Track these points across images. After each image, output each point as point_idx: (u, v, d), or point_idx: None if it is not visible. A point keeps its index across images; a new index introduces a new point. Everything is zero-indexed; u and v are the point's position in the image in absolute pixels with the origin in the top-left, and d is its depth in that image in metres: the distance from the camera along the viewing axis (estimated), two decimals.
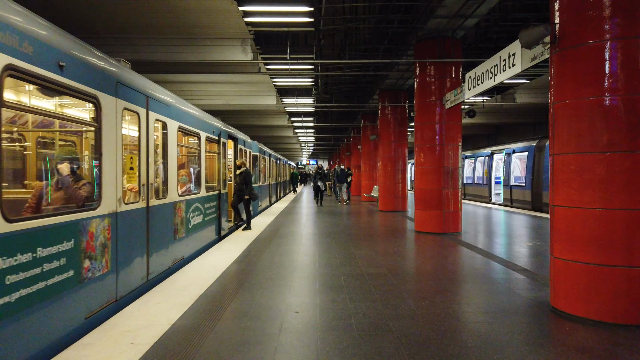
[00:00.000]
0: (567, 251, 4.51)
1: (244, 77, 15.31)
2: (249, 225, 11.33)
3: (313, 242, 9.22)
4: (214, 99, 16.97)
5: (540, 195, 16.51)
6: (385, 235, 10.39)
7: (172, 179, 6.56)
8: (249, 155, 14.06)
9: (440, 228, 10.61)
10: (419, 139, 10.97)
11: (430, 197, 10.72)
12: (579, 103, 4.39)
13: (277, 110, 21.32)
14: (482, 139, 33.37)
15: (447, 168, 10.61)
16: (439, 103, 10.62)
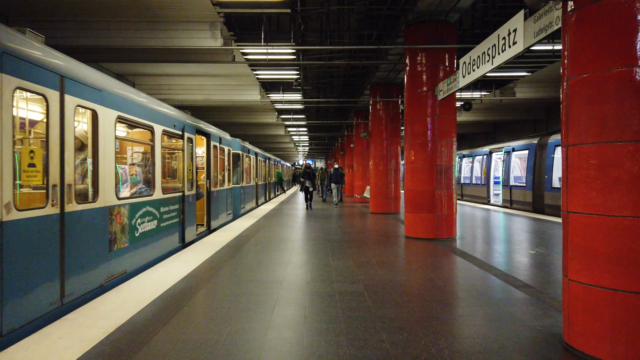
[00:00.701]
0: (587, 272, 3.44)
1: (224, 69, 14.24)
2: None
3: (287, 250, 8.14)
4: (193, 94, 15.90)
5: (542, 197, 15.45)
6: (371, 241, 9.32)
7: (106, 179, 5.48)
8: (227, 153, 12.98)
9: (432, 233, 9.53)
10: (409, 134, 9.90)
11: (422, 198, 9.64)
12: (604, 76, 3.31)
13: (263, 107, 20.23)
14: (480, 138, 32.31)
15: (440, 167, 9.54)
16: (431, 94, 9.55)
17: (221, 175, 12.62)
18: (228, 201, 13.16)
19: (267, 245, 8.76)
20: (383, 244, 8.88)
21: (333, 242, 9.07)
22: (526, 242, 9.19)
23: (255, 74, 14.14)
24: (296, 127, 29.76)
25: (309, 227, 11.63)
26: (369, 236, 10.04)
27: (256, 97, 15.93)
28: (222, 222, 12.29)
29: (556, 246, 8.59)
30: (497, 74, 14.97)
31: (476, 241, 9.32)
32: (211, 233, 10.70)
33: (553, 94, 17.01)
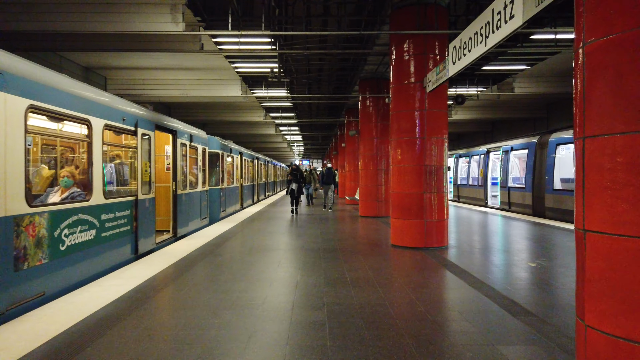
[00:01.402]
0: (614, 319, 2.41)
1: (200, 62, 13.25)
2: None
3: (251, 264, 7.11)
4: (169, 89, 14.89)
5: (542, 199, 14.44)
6: (351, 251, 8.29)
7: (8, 184, 4.45)
8: (201, 152, 11.95)
9: (421, 241, 8.51)
10: (395, 130, 8.88)
11: (409, 202, 8.62)
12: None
13: (249, 104, 19.23)
14: (477, 137, 31.30)
15: (429, 167, 8.52)
16: (419, 86, 8.53)
17: (193, 176, 11.60)
18: (203, 204, 12.13)
19: (231, 256, 7.73)
20: (364, 255, 7.85)
21: (308, 252, 8.05)
22: (526, 251, 8.18)
23: (233, 67, 13.14)
24: (287, 126, 28.75)
25: (287, 234, 10.60)
26: (350, 245, 9.01)
27: (237, 92, 14.92)
28: (195, 227, 11.26)
29: (559, 257, 7.57)
30: (494, 68, 13.97)
31: (470, 251, 8.30)
32: (178, 240, 9.67)
33: (554, 89, 16.00)
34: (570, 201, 12.80)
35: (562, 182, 13.80)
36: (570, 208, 12.75)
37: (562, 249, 8.43)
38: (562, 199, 13.24)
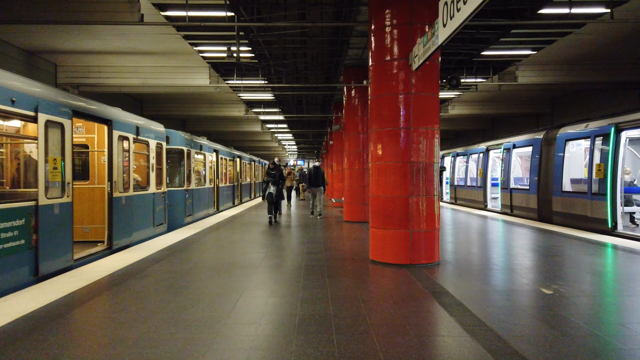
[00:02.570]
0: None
1: (157, 44, 11.62)
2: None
3: (180, 291, 5.42)
4: (128, 77, 13.24)
5: (549, 202, 12.77)
6: (319, 270, 6.60)
7: None
8: (154, 148, 10.26)
9: (405, 257, 6.83)
10: (375, 119, 7.21)
11: (391, 208, 6.94)
12: None
13: (224, 97, 17.56)
14: (476, 135, 29.64)
15: (416, 164, 6.84)
16: (404, 64, 6.85)
17: (143, 176, 9.92)
18: (157, 209, 10.44)
19: (161, 280, 6.04)
20: (334, 276, 6.16)
21: (263, 273, 6.36)
22: (536, 269, 6.50)
23: (197, 51, 11.45)
24: (274, 123, 27.08)
25: (250, 244, 8.92)
26: (321, 261, 7.32)
27: (205, 80, 13.23)
28: (144, 236, 9.57)
29: (578, 278, 5.90)
30: (495, 53, 12.30)
31: (466, 269, 6.61)
32: (114, 253, 7.97)
33: (562, 77, 14.33)
34: (581, 205, 11.15)
35: (573, 183, 12.14)
36: (582, 213, 11.09)
37: (580, 265, 6.77)
38: (573, 202, 11.59)
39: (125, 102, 18.00)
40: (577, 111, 18.84)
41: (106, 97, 15.93)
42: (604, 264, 7.16)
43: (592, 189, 10.71)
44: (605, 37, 11.72)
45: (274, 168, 12.23)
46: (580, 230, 10.59)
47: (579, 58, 13.64)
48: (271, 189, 12.23)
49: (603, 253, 8.05)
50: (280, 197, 12.49)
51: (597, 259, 7.51)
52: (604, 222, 10.21)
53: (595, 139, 10.78)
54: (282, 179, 12.44)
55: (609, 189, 10.02)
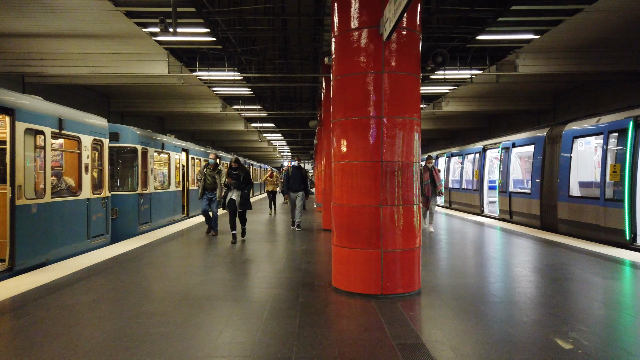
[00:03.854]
0: None
1: (101, 25, 10.02)
2: None
3: (45, 342, 3.83)
4: (76, 65, 11.64)
5: (554, 208, 11.22)
6: (260, 304, 5.02)
7: None
8: (89, 145, 8.67)
9: (376, 285, 5.26)
10: (338, 106, 5.63)
11: (358, 221, 5.37)
12: None
13: (196, 91, 15.94)
14: (472, 134, 28.08)
15: (390, 164, 5.28)
16: (374, 33, 5.27)
17: (73, 178, 8.35)
18: (93, 218, 8.85)
19: (40, 321, 4.44)
20: (275, 316, 4.57)
21: (183, 308, 4.76)
22: (546, 304, 4.92)
23: (147, 33, 9.86)
24: (259, 121, 25.49)
25: (192, 263, 7.34)
26: (271, 288, 5.73)
27: (162, 70, 11.65)
28: (71, 252, 8.00)
29: (605, 322, 4.33)
30: (492, 38, 10.74)
31: (455, 302, 5.03)
32: (16, 275, 6.37)
33: (568, 67, 12.73)
34: (593, 212, 9.59)
35: (582, 187, 10.59)
36: (593, 221, 9.54)
37: (600, 294, 5.20)
38: (582, 209, 10.03)
39: (87, 97, 16.44)
40: (583, 108, 17.31)
41: (59, 90, 14.37)
42: (630, 292, 5.60)
43: (605, 193, 9.16)
44: (618, 18, 10.17)
45: (237, 168, 9.28)
46: (591, 242, 9.03)
47: (588, 44, 12.08)
48: (233, 195, 9.26)
49: (624, 274, 6.51)
50: (245, 205, 9.28)
51: (619, 283, 5.96)
52: (620, 233, 8.65)
53: (610, 136, 9.23)
54: (248, 183, 9.38)
55: (627, 193, 8.47)
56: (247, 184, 9.35)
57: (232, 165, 9.38)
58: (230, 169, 9.43)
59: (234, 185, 9.26)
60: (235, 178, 9.27)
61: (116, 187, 11.11)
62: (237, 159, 9.48)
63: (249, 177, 9.47)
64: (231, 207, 9.29)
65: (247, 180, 9.38)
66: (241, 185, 9.29)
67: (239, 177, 9.30)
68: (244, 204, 9.33)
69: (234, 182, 9.16)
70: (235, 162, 9.37)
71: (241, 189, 9.27)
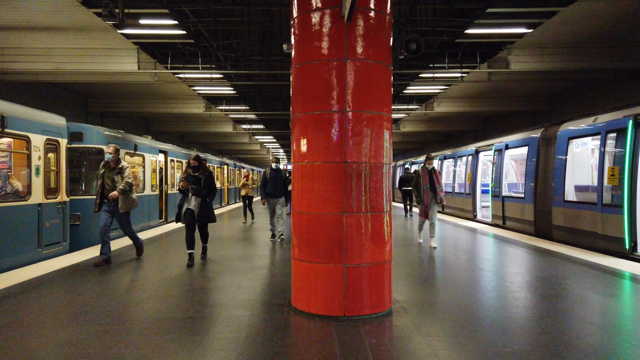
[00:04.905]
0: None
1: (67, 18, 9.39)
2: None
3: None
4: (39, 61, 10.92)
5: (548, 214, 10.53)
6: (205, 326, 4.30)
7: None
8: (40, 146, 7.96)
9: (337, 306, 4.55)
10: (298, 99, 4.93)
11: (318, 231, 4.67)
12: None
13: (174, 90, 15.24)
14: (467, 137, 27.41)
15: (355, 166, 4.58)
16: (336, 15, 4.58)
17: (22, 181, 7.64)
18: (47, 225, 8.14)
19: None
20: (206, 347, 3.85)
21: (106, 336, 4.04)
22: (532, 328, 4.20)
23: (111, 25, 9.18)
24: (248, 123, 24.81)
25: (141, 276, 6.62)
26: (225, 308, 5.01)
27: (132, 66, 10.94)
28: (17, 262, 7.28)
29: (600, 355, 3.61)
30: (482, 32, 10.07)
31: (429, 326, 4.32)
32: None
33: (562, 63, 12.03)
34: (589, 218, 8.91)
35: (578, 192, 9.91)
36: (590, 228, 8.85)
37: (597, 314, 4.49)
38: (578, 215, 9.34)
39: (60, 97, 15.71)
40: (580, 108, 16.65)
41: (27, 89, 13.64)
42: (630, 312, 4.90)
43: (603, 198, 8.47)
44: (617, 9, 9.48)
45: (197, 167, 7.27)
46: (588, 251, 8.33)
47: (584, 39, 11.40)
48: (191, 203, 7.19)
49: (624, 290, 5.82)
50: (207, 217, 7.36)
51: (618, 302, 5.27)
52: (619, 241, 7.96)
53: (607, 136, 8.55)
54: (212, 188, 7.43)
55: (626, 199, 7.78)
56: (211, 189, 7.41)
57: (190, 164, 7.34)
58: (187, 171, 7.38)
59: (192, 191, 7.20)
60: (194, 182, 7.18)
61: (80, 191, 10.38)
62: (197, 157, 7.46)
63: (212, 180, 7.46)
64: (188, 219, 7.23)
65: (210, 184, 7.39)
66: (202, 191, 7.24)
67: (199, 180, 7.21)
68: (206, 215, 7.34)
69: (192, 187, 7.15)
70: (195, 160, 7.34)
71: (202, 195, 7.24)
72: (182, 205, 7.37)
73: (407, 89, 16.14)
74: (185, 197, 7.36)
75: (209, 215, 7.43)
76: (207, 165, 7.40)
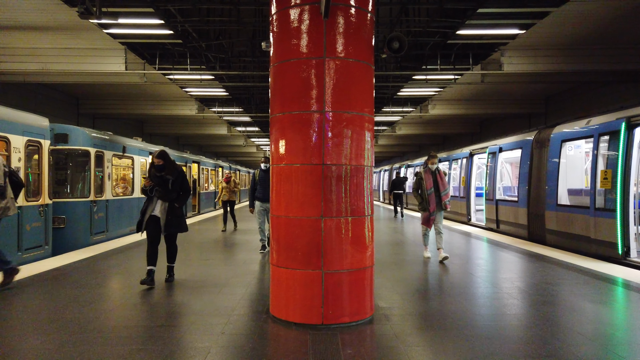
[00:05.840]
0: None
1: (52, 18, 9.15)
2: None
3: None
4: (25, 61, 10.75)
5: (541, 218, 10.37)
6: (169, 338, 4.12)
7: None
8: (21, 147, 7.79)
9: (316, 314, 4.38)
10: (276, 99, 4.76)
11: (295, 236, 4.50)
12: None
13: (167, 91, 15.08)
14: (465, 139, 27.27)
15: (335, 168, 4.41)
16: (315, 10, 4.42)
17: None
18: (27, 228, 7.96)
19: None
20: (177, 357, 3.68)
21: (68, 347, 3.86)
22: (519, 339, 4.02)
23: (96, 25, 9.02)
24: (241, 124, 24.64)
25: (116, 285, 6.42)
26: (207, 315, 4.83)
27: (119, 66, 10.77)
28: None
29: None
30: (474, 33, 9.93)
31: (410, 335, 4.14)
32: None
33: (556, 65, 11.89)
34: (582, 223, 8.74)
35: (571, 195, 9.76)
36: (583, 233, 8.69)
37: (587, 323, 4.31)
38: (571, 219, 9.18)
39: (51, 98, 15.54)
40: (576, 111, 16.53)
41: (17, 90, 13.48)
42: (622, 322, 4.73)
43: (596, 202, 8.31)
44: (609, 10, 9.34)
45: (162, 166, 5.87)
46: (581, 256, 8.16)
47: (577, 40, 11.26)
48: (156, 209, 5.85)
49: (616, 298, 5.66)
50: (176, 226, 5.97)
51: (609, 310, 5.10)
52: (612, 246, 7.80)
53: (600, 139, 8.40)
54: (183, 189, 6.03)
55: (619, 202, 7.62)
56: (183, 192, 6.03)
57: (154, 163, 5.93)
58: (150, 170, 6.00)
59: (157, 193, 5.84)
60: (159, 182, 5.85)
61: (65, 193, 10.21)
62: (162, 153, 5.95)
63: (183, 181, 6.04)
64: (152, 228, 5.83)
65: (182, 186, 6.01)
66: (169, 195, 5.86)
67: (167, 181, 5.87)
68: (174, 223, 5.90)
69: (157, 189, 5.82)
70: (160, 158, 5.88)
71: (169, 199, 5.86)
72: (145, 211, 5.90)
73: (401, 91, 16.01)
74: (150, 201, 5.90)
75: (179, 223, 5.97)
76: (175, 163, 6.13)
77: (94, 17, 6.59)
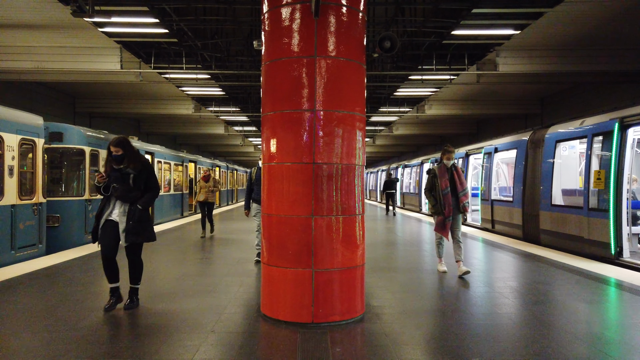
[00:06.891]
0: None
1: (47, 16, 9.14)
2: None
3: None
4: (19, 60, 10.73)
5: (536, 218, 10.40)
6: (168, 342, 4.12)
7: None
8: (14, 146, 7.78)
9: (306, 312, 4.38)
10: (268, 98, 4.77)
11: (286, 234, 4.50)
12: None
13: (163, 90, 15.06)
14: (462, 140, 27.30)
15: (325, 167, 4.42)
16: (306, 9, 4.43)
17: None
18: (19, 226, 7.95)
19: None
20: (163, 355, 3.68)
21: (51, 348, 3.86)
22: (510, 338, 4.04)
23: (91, 23, 9.01)
24: (239, 124, 24.62)
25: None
26: (191, 314, 4.83)
27: (115, 65, 10.76)
28: None
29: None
30: (468, 33, 9.94)
31: (401, 335, 4.15)
32: None
33: (551, 66, 11.92)
34: (576, 223, 8.76)
35: (565, 195, 9.78)
36: (577, 233, 8.71)
37: (580, 324, 4.32)
38: (565, 219, 9.21)
39: (47, 97, 15.52)
40: (571, 112, 16.56)
41: (13, 88, 13.45)
42: (615, 322, 4.74)
43: (589, 202, 8.34)
44: (604, 10, 9.36)
45: (121, 157, 4.59)
46: (574, 256, 8.18)
47: (573, 41, 11.30)
48: (113, 213, 4.59)
49: (609, 298, 5.67)
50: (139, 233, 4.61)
51: (602, 310, 5.11)
52: (605, 246, 7.82)
53: (594, 139, 8.43)
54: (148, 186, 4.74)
55: (612, 203, 7.65)
56: (147, 190, 4.72)
57: (112, 152, 4.61)
58: (108, 163, 4.71)
59: (114, 192, 4.59)
60: (118, 178, 4.59)
61: (60, 192, 10.19)
62: (121, 141, 4.64)
63: (149, 176, 4.76)
64: (107, 237, 4.59)
65: (148, 182, 4.73)
66: (130, 194, 4.60)
67: (127, 175, 4.61)
68: (138, 230, 4.59)
69: (114, 186, 4.57)
70: (118, 146, 4.59)
71: (130, 200, 4.59)
72: (100, 215, 4.61)
73: (398, 91, 16.03)
74: (107, 202, 4.64)
75: (144, 230, 4.64)
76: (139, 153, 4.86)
77: (87, 15, 6.60)
